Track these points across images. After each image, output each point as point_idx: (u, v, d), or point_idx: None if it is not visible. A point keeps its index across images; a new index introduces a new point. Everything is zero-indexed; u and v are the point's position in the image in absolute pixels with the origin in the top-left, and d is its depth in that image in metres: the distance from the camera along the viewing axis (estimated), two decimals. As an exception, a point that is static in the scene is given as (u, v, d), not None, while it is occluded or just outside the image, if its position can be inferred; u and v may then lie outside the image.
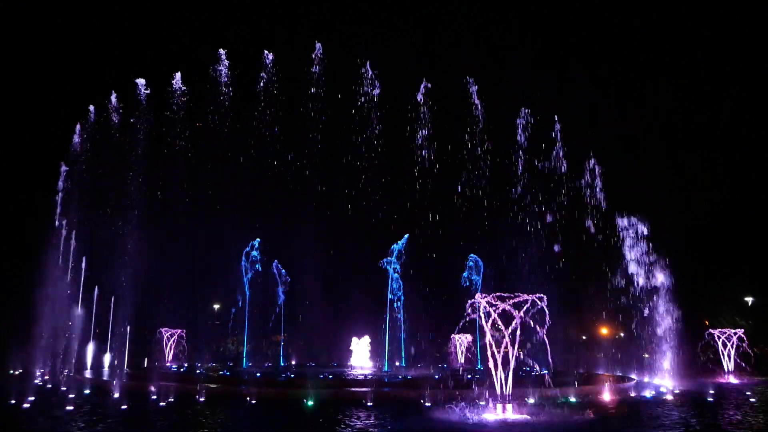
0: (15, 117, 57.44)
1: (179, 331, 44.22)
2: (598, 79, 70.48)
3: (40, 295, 35.42)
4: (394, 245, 42.44)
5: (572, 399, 23.44)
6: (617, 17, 77.46)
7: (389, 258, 41.90)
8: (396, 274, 42.15)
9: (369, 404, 21.64)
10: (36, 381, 29.86)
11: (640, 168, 59.45)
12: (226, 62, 43.67)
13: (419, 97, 43.30)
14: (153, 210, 44.01)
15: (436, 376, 28.57)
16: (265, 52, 44.75)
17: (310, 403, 21.66)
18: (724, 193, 60.05)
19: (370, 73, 43.94)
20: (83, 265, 39.33)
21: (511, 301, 18.52)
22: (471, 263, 45.55)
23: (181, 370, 37.62)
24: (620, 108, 67.15)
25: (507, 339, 18.34)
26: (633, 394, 27.02)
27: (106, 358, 40.90)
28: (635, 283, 37.44)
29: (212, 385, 25.51)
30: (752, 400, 25.22)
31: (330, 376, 32.00)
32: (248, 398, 22.44)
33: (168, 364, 41.59)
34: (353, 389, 25.59)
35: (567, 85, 68.83)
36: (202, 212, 45.12)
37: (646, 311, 36.68)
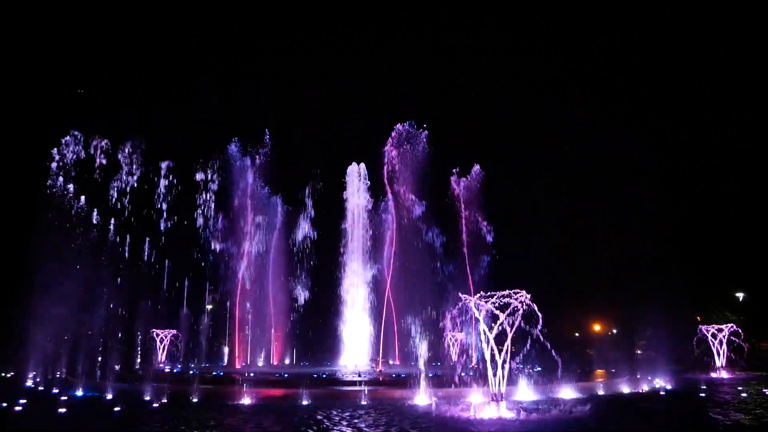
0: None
1: (172, 331, 44.01)
2: (597, 77, 70.84)
3: (32, 297, 35.16)
4: None
5: (566, 396, 23.53)
6: (616, 18, 77.85)
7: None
8: None
9: (363, 403, 21.65)
10: (27, 384, 29.64)
11: (637, 167, 59.81)
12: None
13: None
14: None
15: (430, 374, 28.58)
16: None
17: (304, 402, 21.63)
18: (715, 191, 60.43)
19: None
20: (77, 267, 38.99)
21: (494, 299, 18.49)
22: None
23: (174, 371, 37.46)
24: (619, 108, 67.50)
25: (508, 335, 18.34)
26: (626, 391, 27.17)
27: (100, 360, 40.61)
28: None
29: (205, 386, 25.41)
30: (743, 395, 25.38)
31: (324, 375, 31.93)
32: (242, 398, 22.38)
33: (161, 365, 41.40)
34: (346, 388, 25.54)
35: (568, 85, 69.15)
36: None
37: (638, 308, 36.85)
